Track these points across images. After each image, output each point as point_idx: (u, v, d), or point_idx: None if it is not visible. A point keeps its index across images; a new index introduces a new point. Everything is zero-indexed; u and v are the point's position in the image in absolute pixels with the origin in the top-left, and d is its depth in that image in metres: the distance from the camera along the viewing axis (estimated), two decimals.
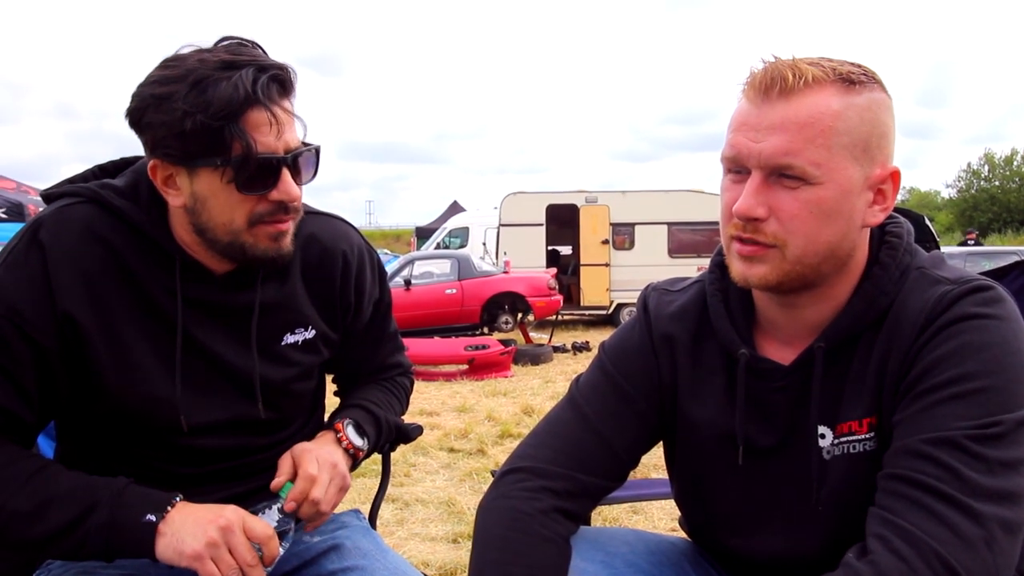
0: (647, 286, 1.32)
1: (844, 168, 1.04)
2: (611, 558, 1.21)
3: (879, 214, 1.10)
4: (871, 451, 1.08)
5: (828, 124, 1.03)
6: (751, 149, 1.05)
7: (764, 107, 1.05)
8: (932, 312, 1.04)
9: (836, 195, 1.04)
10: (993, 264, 8.56)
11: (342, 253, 1.45)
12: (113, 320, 1.23)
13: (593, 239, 14.42)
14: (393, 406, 1.57)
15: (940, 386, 1.00)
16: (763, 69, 1.06)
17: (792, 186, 1.04)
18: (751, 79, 1.07)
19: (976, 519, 0.92)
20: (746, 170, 1.07)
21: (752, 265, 1.09)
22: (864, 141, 1.05)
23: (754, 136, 1.05)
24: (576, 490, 1.18)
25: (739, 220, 1.07)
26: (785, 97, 1.04)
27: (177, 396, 1.26)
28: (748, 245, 1.08)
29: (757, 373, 1.15)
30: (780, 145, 1.03)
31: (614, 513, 3.85)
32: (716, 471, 1.19)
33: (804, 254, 1.06)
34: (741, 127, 1.07)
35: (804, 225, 1.05)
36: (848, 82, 1.05)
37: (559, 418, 1.24)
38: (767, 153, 1.04)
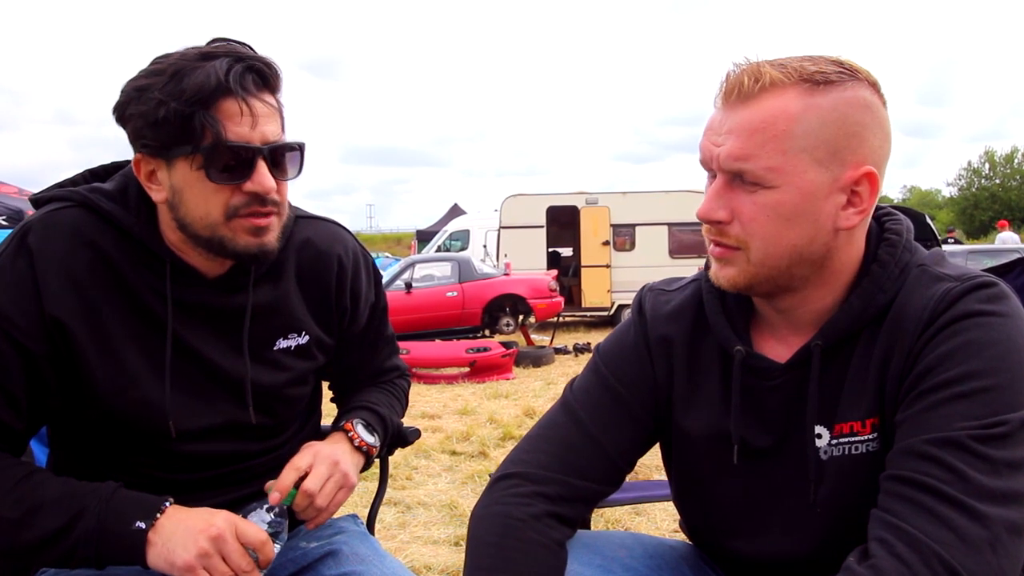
0: (643, 287, 1.31)
1: (803, 171, 1.03)
2: (609, 563, 1.19)
3: (853, 217, 1.06)
4: (874, 452, 1.06)
5: (782, 128, 1.02)
6: (712, 153, 1.07)
7: (725, 111, 1.06)
8: (935, 309, 1.02)
9: (795, 199, 1.04)
10: (996, 261, 8.53)
11: (337, 257, 1.43)
12: (103, 324, 1.21)
13: (594, 240, 14.40)
14: (395, 407, 1.56)
15: (943, 385, 0.98)
16: (729, 73, 1.07)
17: (750, 190, 1.05)
18: (721, 84, 1.08)
19: (981, 521, 0.90)
20: (713, 173, 1.09)
21: (722, 267, 1.11)
22: (828, 143, 1.03)
23: (715, 140, 1.07)
24: (570, 495, 1.16)
25: (704, 223, 1.09)
26: (743, 101, 1.05)
27: (167, 400, 1.25)
28: (718, 247, 1.10)
29: (753, 371, 1.14)
30: (734, 150, 1.04)
31: (616, 515, 3.84)
32: (713, 472, 1.18)
33: (767, 256, 1.07)
34: (707, 131, 1.09)
35: (763, 228, 1.06)
36: (813, 83, 1.03)
37: (553, 422, 1.23)
38: (723, 157, 1.05)
